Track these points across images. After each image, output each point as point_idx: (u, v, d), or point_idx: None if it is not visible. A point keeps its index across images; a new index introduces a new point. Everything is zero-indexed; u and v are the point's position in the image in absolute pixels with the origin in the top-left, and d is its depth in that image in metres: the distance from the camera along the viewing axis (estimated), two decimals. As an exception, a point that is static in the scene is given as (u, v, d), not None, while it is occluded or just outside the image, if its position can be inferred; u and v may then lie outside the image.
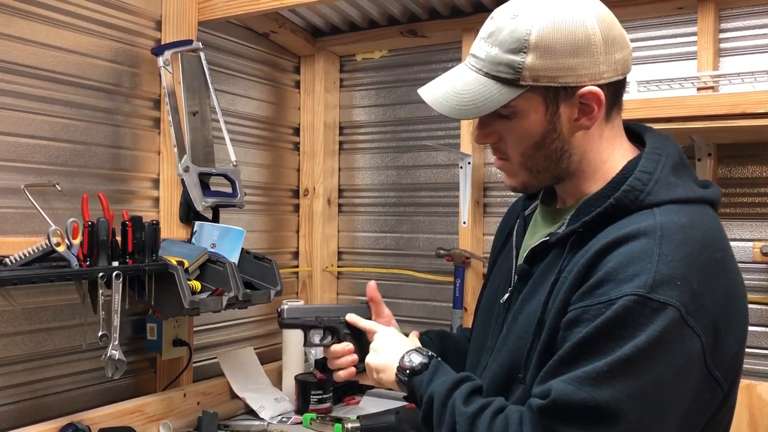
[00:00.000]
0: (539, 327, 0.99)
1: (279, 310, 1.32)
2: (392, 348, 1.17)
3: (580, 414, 0.87)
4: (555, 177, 1.06)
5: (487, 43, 1.00)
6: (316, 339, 1.30)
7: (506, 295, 1.12)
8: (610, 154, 1.04)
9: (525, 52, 0.96)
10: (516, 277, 1.11)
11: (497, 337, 1.11)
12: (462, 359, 1.23)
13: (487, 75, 1.00)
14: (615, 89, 1.02)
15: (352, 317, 1.28)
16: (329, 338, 1.29)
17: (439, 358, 1.13)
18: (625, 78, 1.03)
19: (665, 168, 0.99)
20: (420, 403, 1.07)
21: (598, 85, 0.98)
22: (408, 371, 1.11)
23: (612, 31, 0.99)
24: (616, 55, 0.99)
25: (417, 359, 1.11)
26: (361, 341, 1.26)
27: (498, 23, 1.00)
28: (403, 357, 1.13)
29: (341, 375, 1.26)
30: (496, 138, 1.06)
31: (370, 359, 1.19)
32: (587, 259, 0.95)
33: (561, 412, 0.88)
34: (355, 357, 1.25)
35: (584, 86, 0.98)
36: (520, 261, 1.11)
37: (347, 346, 1.26)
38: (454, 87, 1.03)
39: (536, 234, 1.13)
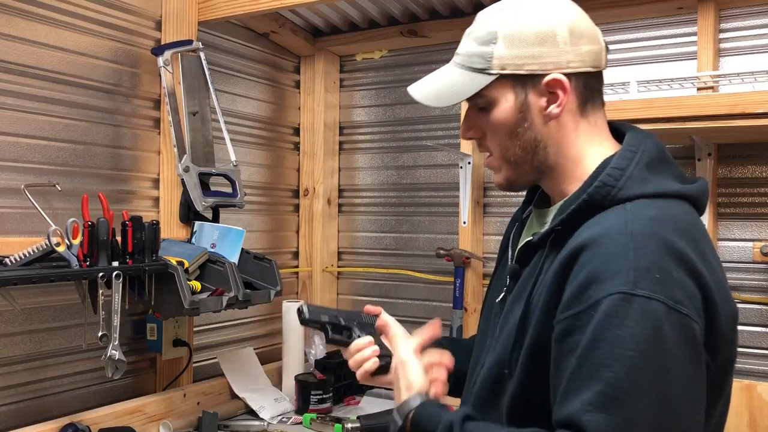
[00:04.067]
0: (522, 324, 1.02)
1: (299, 308, 1.28)
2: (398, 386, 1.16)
3: None
4: (535, 170, 1.09)
5: (466, 40, 1.09)
6: (339, 336, 1.26)
7: (501, 295, 1.15)
8: (588, 151, 1.06)
9: (494, 43, 1.04)
10: (508, 277, 1.13)
11: (493, 336, 1.13)
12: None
13: (463, 67, 1.08)
14: (586, 82, 1.05)
15: (384, 318, 1.27)
16: (356, 333, 1.26)
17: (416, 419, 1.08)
18: (599, 73, 1.07)
19: (639, 164, 1.00)
20: None
21: (565, 74, 1.02)
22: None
23: (579, 25, 1.04)
24: (583, 47, 1.03)
25: (395, 420, 1.09)
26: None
27: (477, 22, 1.09)
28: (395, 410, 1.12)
29: (366, 368, 1.22)
30: (479, 132, 1.11)
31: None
32: (563, 258, 0.96)
33: None
34: (377, 348, 1.23)
35: (549, 74, 1.02)
36: (512, 262, 1.14)
37: (369, 338, 1.25)
38: (435, 79, 1.11)
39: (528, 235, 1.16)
